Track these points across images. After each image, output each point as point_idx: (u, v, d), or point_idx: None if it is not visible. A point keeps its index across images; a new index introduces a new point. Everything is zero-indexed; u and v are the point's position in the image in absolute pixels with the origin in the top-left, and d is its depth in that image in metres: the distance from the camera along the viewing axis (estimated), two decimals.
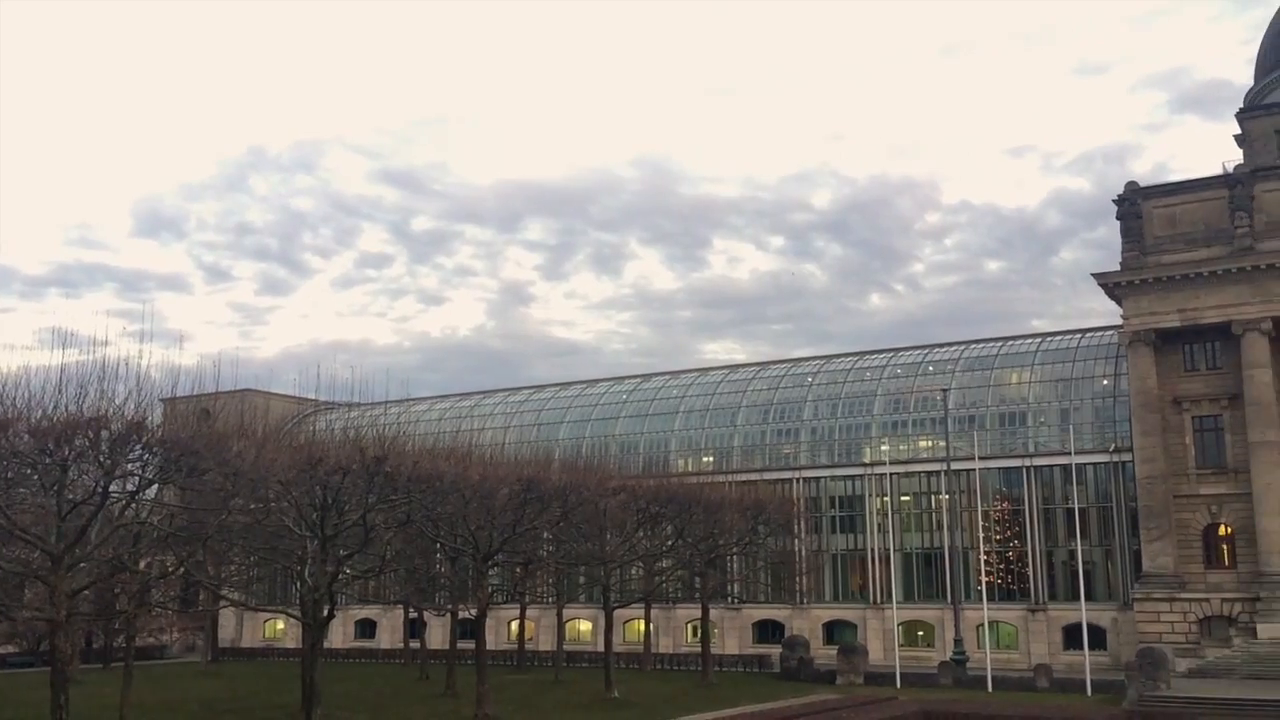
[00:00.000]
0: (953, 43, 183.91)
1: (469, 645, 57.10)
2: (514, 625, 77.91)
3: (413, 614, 74.45)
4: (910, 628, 71.62)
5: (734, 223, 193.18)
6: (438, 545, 55.71)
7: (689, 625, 77.40)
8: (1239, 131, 70.28)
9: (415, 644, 73.13)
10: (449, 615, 62.31)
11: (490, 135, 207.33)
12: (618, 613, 61.23)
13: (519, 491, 48.52)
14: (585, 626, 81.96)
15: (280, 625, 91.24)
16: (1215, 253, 62.78)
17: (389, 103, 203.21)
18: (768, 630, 76.09)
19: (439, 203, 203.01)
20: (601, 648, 58.86)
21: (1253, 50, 77.80)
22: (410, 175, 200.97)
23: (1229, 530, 62.55)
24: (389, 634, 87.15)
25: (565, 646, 70.97)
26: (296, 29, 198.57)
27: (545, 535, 58.31)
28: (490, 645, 55.75)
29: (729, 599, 75.58)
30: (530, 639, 77.67)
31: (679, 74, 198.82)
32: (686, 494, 63.22)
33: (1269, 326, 60.89)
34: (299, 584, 43.38)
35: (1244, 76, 77.91)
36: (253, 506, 40.65)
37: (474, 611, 49.93)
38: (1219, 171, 64.58)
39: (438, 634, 77.03)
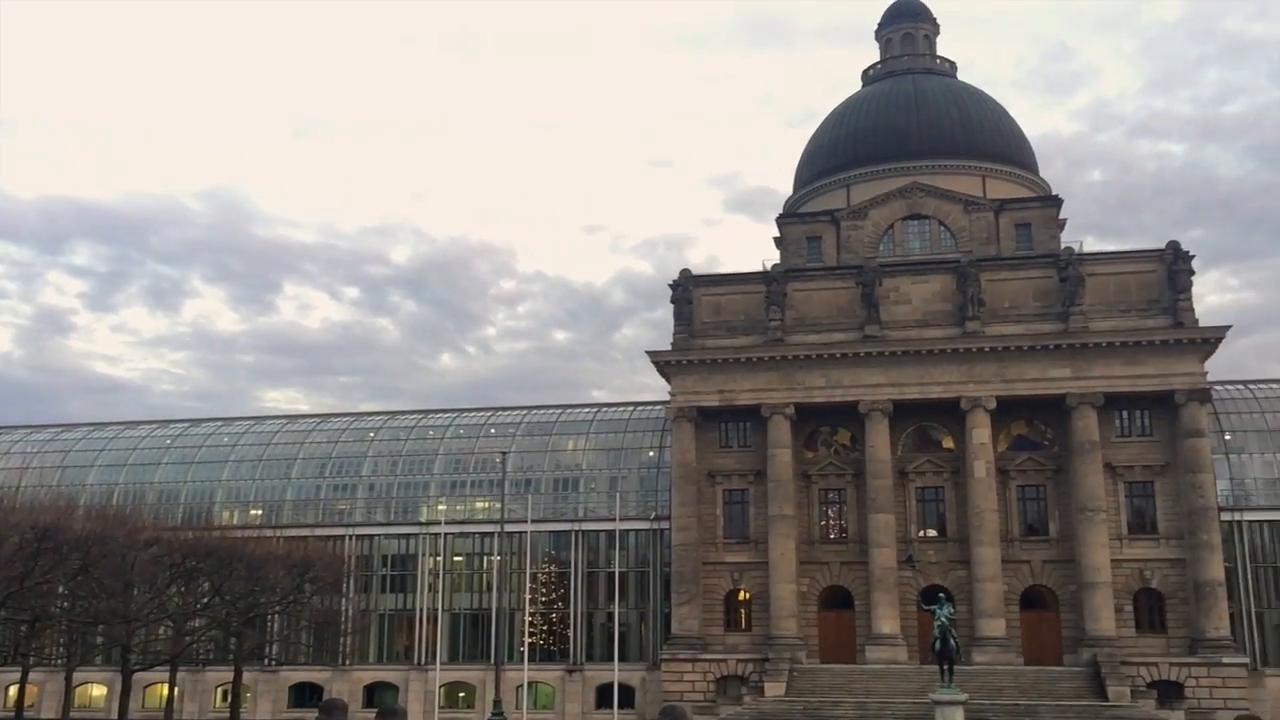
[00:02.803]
0: (549, 119, 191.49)
1: None
2: (13, 690, 69.05)
3: None
4: (453, 689, 71.55)
5: (308, 269, 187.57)
6: None
7: (219, 689, 72.51)
8: (778, 234, 78.28)
9: None
10: None
11: (39, 144, 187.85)
12: (139, 676, 56.17)
13: (32, 540, 43.40)
14: (99, 691, 74.38)
15: None
16: (752, 341, 69.16)
17: None
18: (306, 693, 72.88)
19: None
20: (115, 715, 53.50)
21: (794, 164, 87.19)
22: None
23: (748, 596, 68.37)
24: None
25: (73, 714, 63.85)
26: None
27: (61, 589, 52.49)
28: None
29: (266, 660, 71.71)
30: (31, 706, 69.11)
31: (262, 111, 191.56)
32: (228, 548, 59.60)
33: (792, 411, 67.73)
34: None
35: (787, 186, 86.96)
36: None
37: None
38: (759, 269, 71.39)
39: None
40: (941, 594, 56.87)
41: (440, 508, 75.67)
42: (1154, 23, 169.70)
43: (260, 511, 78.09)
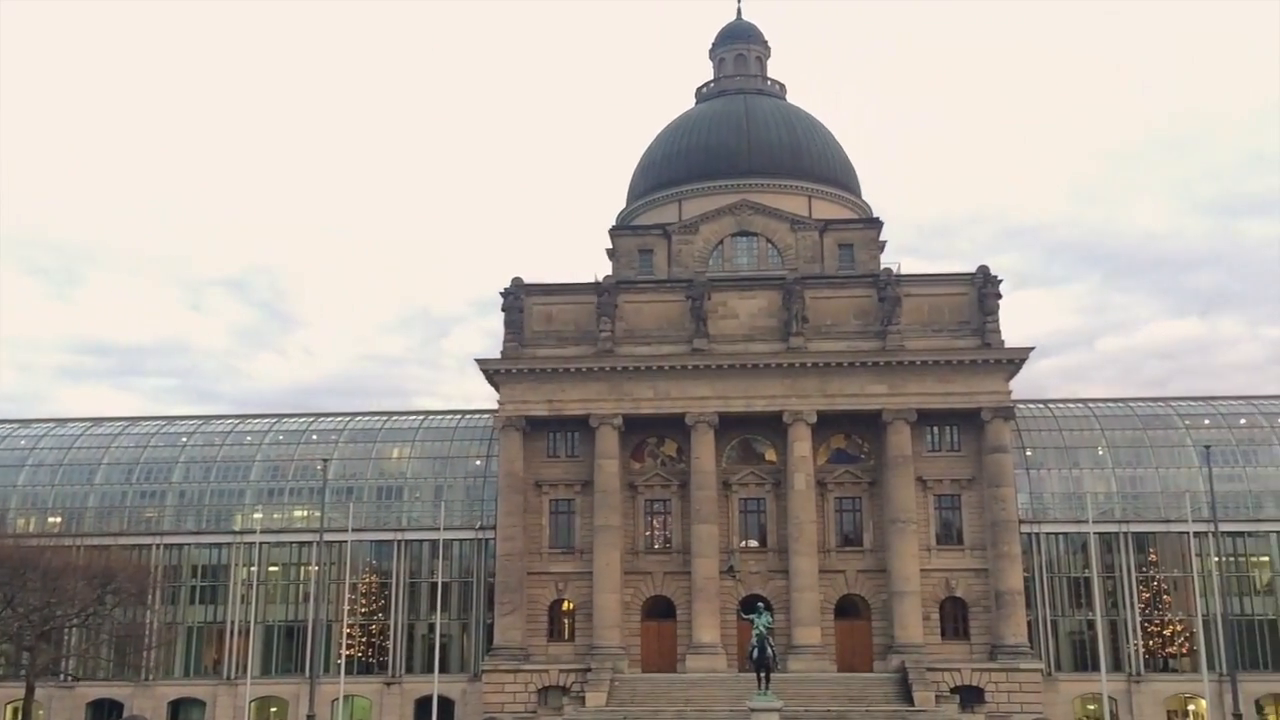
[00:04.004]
0: (390, 124, 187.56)
1: None
2: None
3: None
4: (264, 704, 69.19)
5: (120, 264, 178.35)
6: None
7: (9, 706, 67.99)
8: (610, 246, 78.81)
9: None
10: None
11: None
12: None
13: None
14: None
15: None
16: (582, 351, 69.34)
17: None
18: (104, 710, 69.22)
19: None
20: None
21: (628, 176, 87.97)
22: None
23: (572, 606, 68.38)
24: None
25: None
26: None
27: None
28: None
29: (62, 676, 67.78)
30: None
31: (80, 100, 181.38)
32: (22, 558, 56.17)
33: (620, 422, 68.16)
34: None
35: (621, 198, 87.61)
36: None
37: None
38: (591, 280, 71.60)
39: None
40: (761, 603, 58.29)
41: (256, 516, 73.17)
42: (971, 56, 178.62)
43: (60, 519, 73.84)
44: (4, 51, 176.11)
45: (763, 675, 49.81)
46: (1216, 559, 64.96)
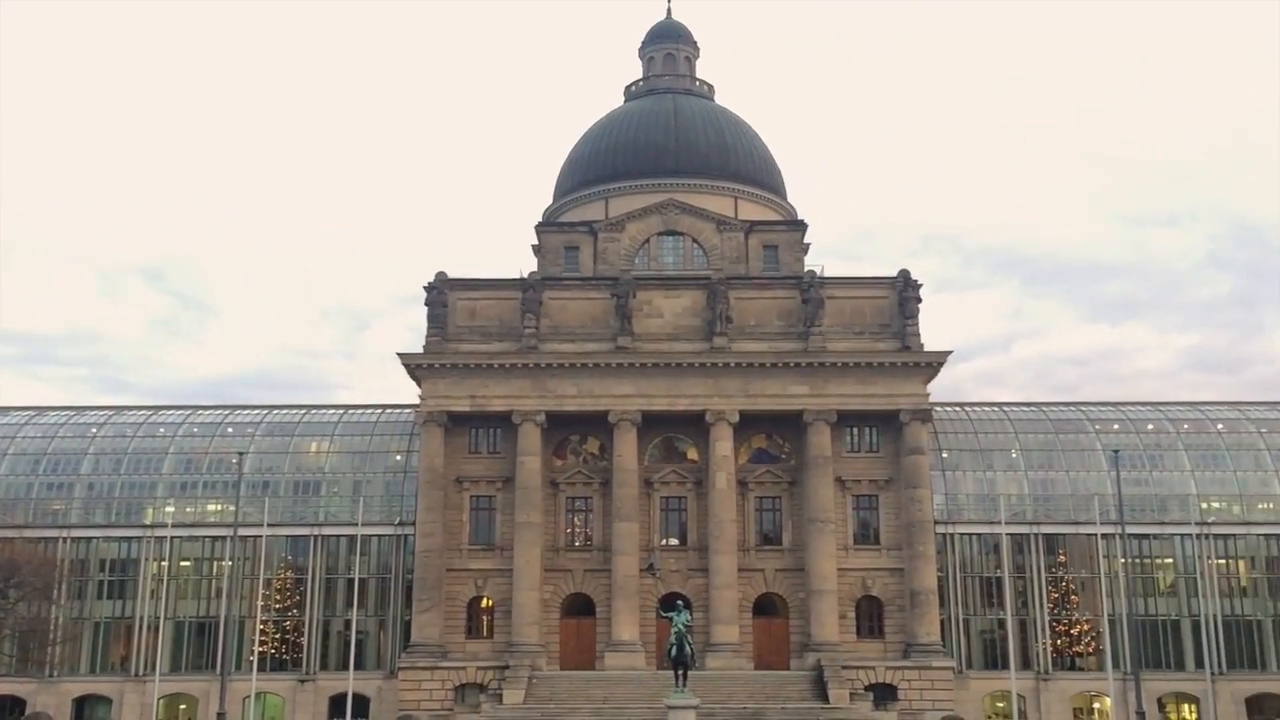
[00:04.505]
0: (317, 117, 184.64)
1: None
2: None
3: None
4: (173, 701, 67.88)
5: (27, 249, 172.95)
6: None
7: None
8: (536, 242, 78.45)
9: None
10: None
11: None
12: None
13: None
14: None
15: None
16: (506, 347, 68.97)
17: None
18: (5, 708, 67.07)
19: None
20: None
21: (555, 173, 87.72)
22: None
23: (491, 603, 68.03)
24: None
25: None
26: None
27: None
28: None
29: None
30: None
31: None
32: None
33: (543, 419, 67.93)
34: None
35: (548, 194, 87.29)
36: None
37: None
38: (517, 275, 71.21)
39: None
40: (680, 601, 58.36)
41: (168, 510, 71.71)
42: (896, 65, 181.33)
43: None
44: None
45: (681, 673, 49.92)
46: (1123, 560, 66.73)
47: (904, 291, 69.50)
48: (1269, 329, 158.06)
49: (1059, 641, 68.83)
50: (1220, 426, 74.98)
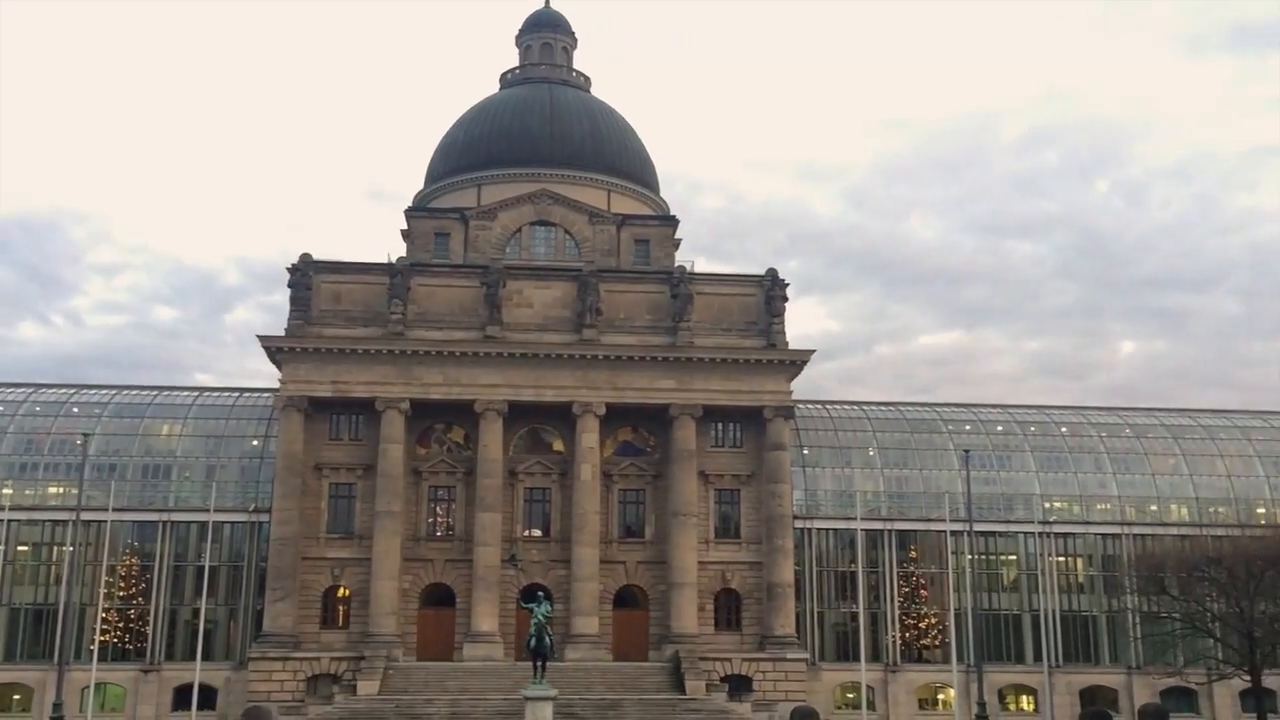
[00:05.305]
0: (174, 89, 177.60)
1: None
2: None
3: None
4: (6, 692, 64.82)
5: None
6: None
7: None
8: (406, 228, 77.22)
9: None
10: None
11: None
12: None
13: None
14: None
15: None
16: (371, 333, 67.72)
17: None
18: None
19: None
20: None
21: (428, 157, 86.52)
22: None
23: (348, 592, 66.80)
24: None
25: None
26: None
27: None
28: None
29: None
30: None
31: None
32: None
33: (407, 406, 66.93)
34: None
35: (419, 179, 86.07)
36: None
37: None
38: (385, 260, 69.99)
39: None
40: (541, 592, 58.47)
41: (6, 492, 68.46)
42: (771, 68, 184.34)
43: None
44: None
45: (539, 664, 49.93)
46: (970, 557, 69.20)
47: (771, 290, 70.67)
48: (1112, 338, 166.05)
49: (908, 634, 71.03)
50: (1064, 430, 78.41)
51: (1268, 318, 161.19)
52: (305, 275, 68.23)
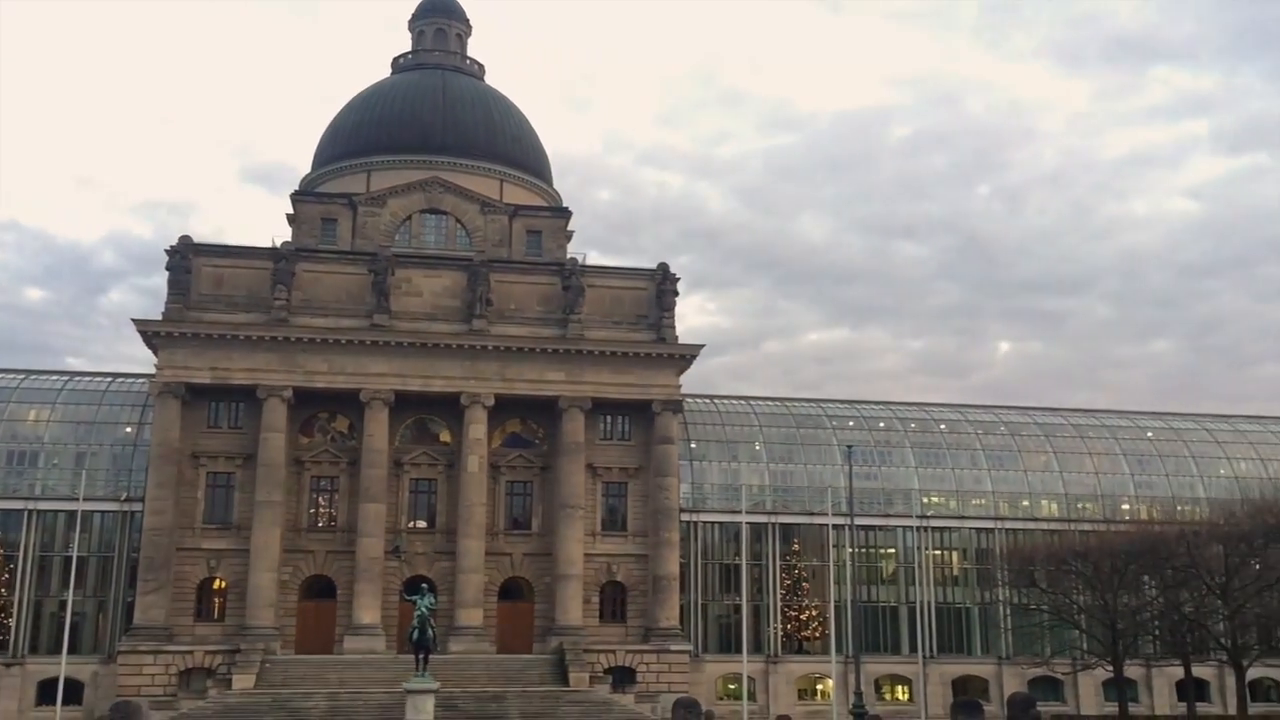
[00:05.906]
0: (56, 59, 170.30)
1: None
2: None
3: None
4: None
5: None
6: None
7: None
8: (292, 212, 75.50)
9: None
10: None
11: None
12: None
13: None
14: None
15: None
16: (254, 319, 66.03)
17: None
18: None
19: None
20: None
21: (316, 141, 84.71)
22: None
23: (224, 584, 65.13)
24: None
25: None
26: None
27: None
28: None
29: None
30: None
31: None
32: None
33: (290, 394, 65.46)
34: None
35: (306, 162, 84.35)
36: None
37: None
38: (270, 245, 68.31)
39: None
40: (425, 584, 57.84)
41: None
42: (666, 64, 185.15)
43: None
44: None
45: (422, 657, 49.35)
46: (850, 550, 70.65)
47: (662, 284, 71.02)
48: (990, 338, 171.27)
49: (789, 626, 72.25)
50: (943, 427, 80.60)
51: (1135, 322, 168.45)
52: (185, 258, 66.22)
